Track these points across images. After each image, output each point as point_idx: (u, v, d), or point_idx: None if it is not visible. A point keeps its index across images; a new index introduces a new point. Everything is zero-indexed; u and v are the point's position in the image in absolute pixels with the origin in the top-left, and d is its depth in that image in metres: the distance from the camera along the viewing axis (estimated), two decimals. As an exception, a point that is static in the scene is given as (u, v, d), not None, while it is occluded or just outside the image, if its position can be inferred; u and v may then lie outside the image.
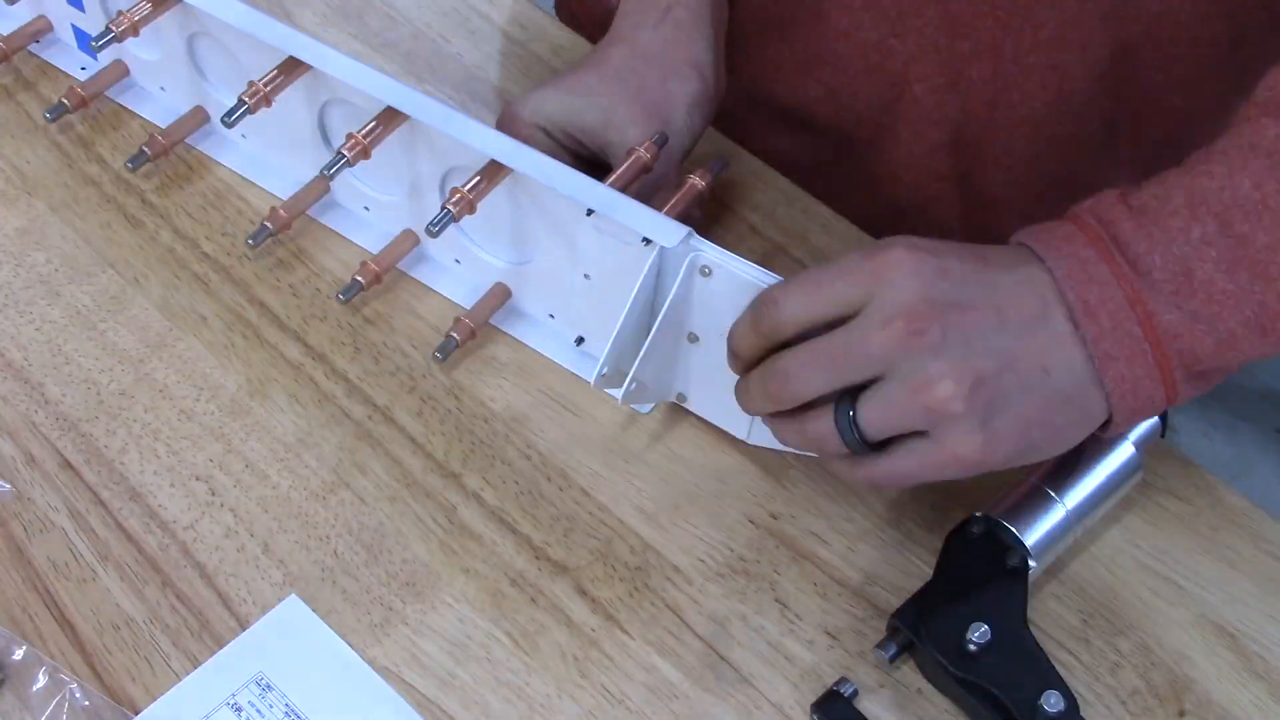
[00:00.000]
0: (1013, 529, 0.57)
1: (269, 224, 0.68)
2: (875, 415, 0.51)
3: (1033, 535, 0.57)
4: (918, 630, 0.55)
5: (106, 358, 0.65)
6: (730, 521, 0.62)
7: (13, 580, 0.57)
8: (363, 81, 0.64)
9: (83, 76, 0.77)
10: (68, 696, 0.54)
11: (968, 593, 0.56)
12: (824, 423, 0.53)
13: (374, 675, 0.56)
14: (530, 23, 0.84)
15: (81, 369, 0.65)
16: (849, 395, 0.52)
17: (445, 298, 0.69)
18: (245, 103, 0.65)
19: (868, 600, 0.59)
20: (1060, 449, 0.55)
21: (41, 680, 0.54)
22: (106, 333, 0.66)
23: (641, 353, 0.59)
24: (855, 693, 0.56)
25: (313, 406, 0.64)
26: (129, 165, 0.70)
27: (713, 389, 0.62)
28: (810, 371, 0.52)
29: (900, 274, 0.50)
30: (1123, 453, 0.59)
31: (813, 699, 0.56)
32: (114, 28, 0.68)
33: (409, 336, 0.67)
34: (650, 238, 0.59)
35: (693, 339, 0.61)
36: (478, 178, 0.62)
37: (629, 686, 0.56)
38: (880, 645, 0.57)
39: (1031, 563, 0.57)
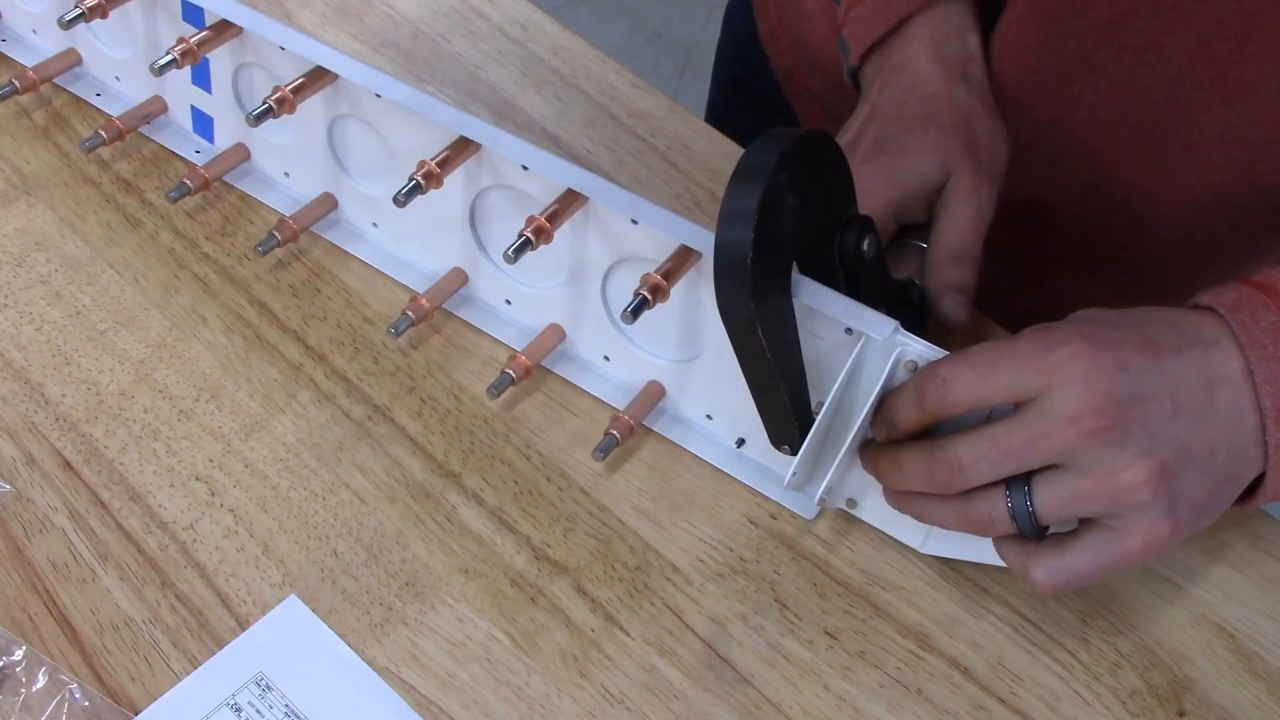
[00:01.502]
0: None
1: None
2: (1054, 502, 0.52)
3: None
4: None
5: (106, 358, 0.65)
6: (730, 521, 0.62)
7: (13, 580, 0.57)
8: (541, 163, 0.61)
9: (199, 160, 0.73)
10: (68, 697, 0.54)
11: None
12: (994, 505, 0.53)
13: (374, 675, 0.56)
14: (530, 23, 0.84)
15: (81, 369, 0.65)
16: (1021, 479, 0.52)
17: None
18: (419, 182, 0.61)
19: (868, 600, 0.59)
20: (1213, 520, 0.55)
21: (41, 680, 0.54)
22: (106, 333, 0.66)
23: (841, 451, 0.56)
24: None
25: (312, 406, 0.64)
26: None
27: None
28: (986, 464, 0.52)
29: (1080, 370, 0.51)
30: None
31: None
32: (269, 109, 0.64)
33: (409, 336, 0.67)
34: (854, 328, 0.56)
35: None
36: (669, 264, 0.58)
37: (629, 686, 0.56)
38: None
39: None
